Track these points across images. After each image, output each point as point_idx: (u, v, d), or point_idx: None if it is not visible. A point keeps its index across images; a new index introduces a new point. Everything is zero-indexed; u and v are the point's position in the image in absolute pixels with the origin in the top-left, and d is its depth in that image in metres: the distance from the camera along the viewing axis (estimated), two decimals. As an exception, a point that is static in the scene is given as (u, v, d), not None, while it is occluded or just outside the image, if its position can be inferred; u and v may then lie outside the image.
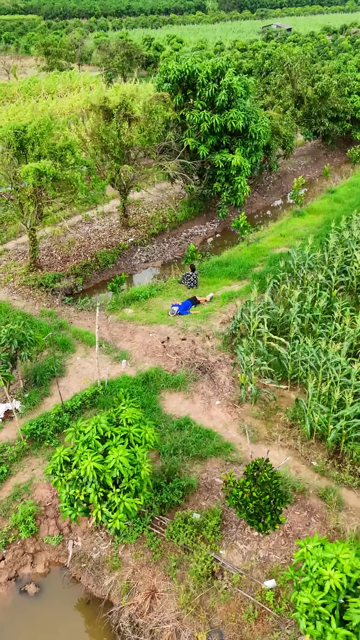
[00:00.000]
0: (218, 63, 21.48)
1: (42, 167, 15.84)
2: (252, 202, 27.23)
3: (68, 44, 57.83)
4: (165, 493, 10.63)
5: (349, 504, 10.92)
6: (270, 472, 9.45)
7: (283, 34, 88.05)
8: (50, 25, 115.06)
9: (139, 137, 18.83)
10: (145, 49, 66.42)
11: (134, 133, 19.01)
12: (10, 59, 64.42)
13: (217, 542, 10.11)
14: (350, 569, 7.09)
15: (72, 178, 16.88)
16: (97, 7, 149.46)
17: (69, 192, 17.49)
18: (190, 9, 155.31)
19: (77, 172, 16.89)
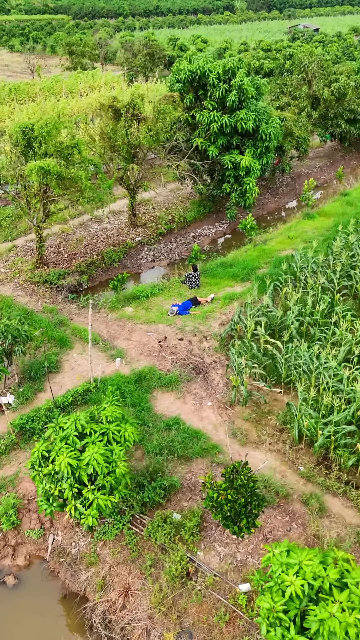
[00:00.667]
0: (229, 63, 21.40)
1: (47, 165, 16.03)
2: (263, 204, 27.06)
3: (92, 43, 58.28)
4: (147, 492, 10.66)
5: (333, 510, 10.78)
6: (248, 475, 9.40)
7: (310, 34, 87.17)
8: (78, 25, 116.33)
9: (146, 137, 18.90)
10: (170, 49, 66.59)
11: (141, 133, 19.07)
12: (35, 58, 65.24)
13: (195, 543, 10.10)
14: (312, 576, 7.02)
15: (76, 176, 17.04)
16: (126, 7, 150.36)
17: (74, 190, 17.64)
18: (219, 9, 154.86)
19: (81, 171, 17.03)
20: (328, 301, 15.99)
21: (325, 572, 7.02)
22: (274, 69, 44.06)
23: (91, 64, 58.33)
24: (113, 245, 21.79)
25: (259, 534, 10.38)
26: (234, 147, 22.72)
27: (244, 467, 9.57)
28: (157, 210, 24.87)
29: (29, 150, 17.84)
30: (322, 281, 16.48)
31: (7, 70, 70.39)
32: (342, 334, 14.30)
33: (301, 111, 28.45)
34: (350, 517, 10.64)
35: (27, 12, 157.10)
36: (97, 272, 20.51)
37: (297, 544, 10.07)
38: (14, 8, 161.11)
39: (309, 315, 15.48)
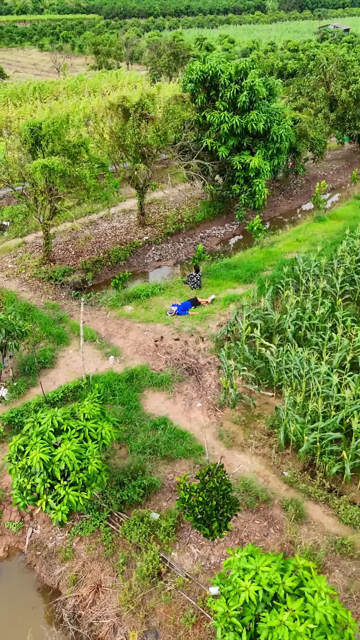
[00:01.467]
0: (241, 64, 21.30)
1: (51, 163, 16.24)
2: (276, 205, 26.84)
3: (118, 43, 58.68)
4: (127, 490, 10.71)
5: (313, 518, 10.64)
6: (221, 478, 9.36)
7: (339, 35, 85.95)
8: (108, 24, 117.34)
9: (153, 137, 18.95)
10: (196, 49, 66.57)
11: (148, 132, 19.14)
12: (61, 58, 66.04)
13: (170, 544, 10.10)
14: (268, 583, 6.95)
15: (81, 175, 17.21)
16: (157, 7, 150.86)
17: (79, 188, 17.81)
18: (250, 8, 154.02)
19: (86, 169, 17.18)
20: (329, 306, 15.78)
21: (281, 580, 6.94)
22: (297, 70, 43.60)
23: (116, 64, 58.73)
24: (120, 244, 21.92)
25: (235, 537, 10.33)
26: (245, 148, 22.60)
27: (218, 470, 9.53)
28: (168, 210, 24.91)
29: (37, 148, 18.11)
30: (322, 285, 16.25)
31: (36, 69, 71.50)
32: (339, 340, 14.10)
33: (318, 113, 28.09)
34: (330, 525, 10.49)
35: (59, 11, 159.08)
36: (102, 270, 20.66)
37: (272, 550, 10.00)
38: (47, 7, 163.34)
39: (307, 319, 15.29)
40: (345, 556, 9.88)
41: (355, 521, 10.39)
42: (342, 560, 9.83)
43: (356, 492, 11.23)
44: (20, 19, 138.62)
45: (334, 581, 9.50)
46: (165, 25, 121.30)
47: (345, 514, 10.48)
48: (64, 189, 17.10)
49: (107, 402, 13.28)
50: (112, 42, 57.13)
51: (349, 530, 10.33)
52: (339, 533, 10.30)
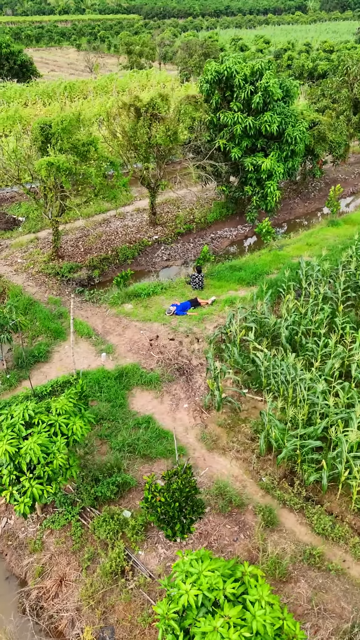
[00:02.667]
0: (257, 65, 21.11)
1: (56, 160, 16.49)
2: (292, 208, 26.49)
3: (150, 43, 58.99)
4: (100, 487, 10.80)
5: (286, 525, 10.49)
6: (186, 480, 9.32)
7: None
8: (147, 24, 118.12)
9: (162, 137, 19.00)
10: (231, 50, 66.29)
11: (158, 132, 19.19)
12: (94, 57, 66.86)
13: (138, 543, 10.12)
14: (209, 588, 6.89)
15: (87, 173, 17.40)
16: (197, 8, 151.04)
17: (85, 186, 18.02)
18: (290, 9, 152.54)
19: (92, 168, 17.36)
20: (329, 312, 15.49)
21: (223, 585, 6.87)
22: (327, 71, 42.90)
23: (148, 63, 59.06)
24: (129, 242, 22.06)
25: (204, 540, 10.27)
26: (259, 150, 22.40)
27: (185, 472, 9.49)
28: (181, 210, 24.93)
29: (47, 146, 18.40)
30: (322, 290, 15.96)
31: (71, 68, 72.69)
32: (333, 347, 13.83)
33: (340, 115, 27.57)
34: (302, 534, 10.31)
35: (101, 11, 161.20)
36: (109, 268, 20.83)
37: (239, 556, 9.90)
38: (89, 8, 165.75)
39: (304, 324, 15.05)
40: (312, 567, 9.70)
41: (327, 532, 10.18)
42: (309, 570, 9.65)
43: (334, 503, 11.01)
44: (62, 19, 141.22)
45: (299, 591, 9.34)
46: (202, 26, 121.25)
47: (318, 524, 10.28)
48: (69, 186, 17.32)
49: (94, 398, 13.41)
50: (144, 42, 57.46)
51: (320, 541, 10.14)
52: (310, 543, 10.11)
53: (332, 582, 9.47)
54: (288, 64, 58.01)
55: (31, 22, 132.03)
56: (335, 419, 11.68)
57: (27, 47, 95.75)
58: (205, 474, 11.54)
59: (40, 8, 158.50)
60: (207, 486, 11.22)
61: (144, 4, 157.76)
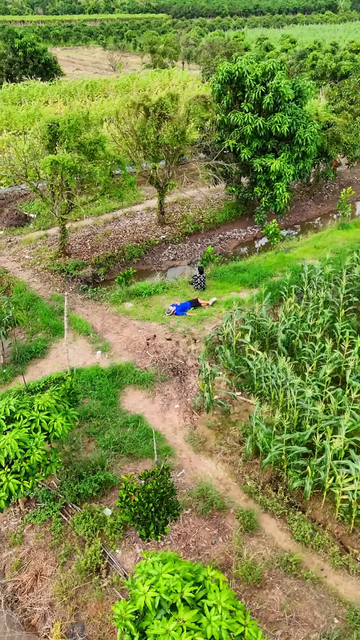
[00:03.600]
0: (269, 65, 20.92)
1: (61, 159, 16.64)
2: (304, 210, 26.20)
3: (173, 42, 59.01)
4: (83, 484, 10.87)
5: (266, 531, 10.39)
6: (162, 481, 9.30)
7: None
8: (174, 23, 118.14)
9: (169, 137, 19.00)
10: (257, 49, 65.88)
11: (165, 132, 19.20)
12: (117, 56, 67.22)
13: (116, 541, 10.16)
14: (166, 590, 6.87)
15: (92, 171, 17.51)
16: (225, 7, 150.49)
17: (91, 185, 18.14)
18: (320, 8, 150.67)
19: (97, 167, 17.46)
20: (329, 316, 15.28)
21: (181, 589, 6.84)
22: (350, 71, 42.26)
23: (171, 63, 59.09)
24: (136, 241, 22.13)
25: (182, 542, 10.25)
26: (269, 151, 22.20)
27: (162, 472, 9.48)
28: (191, 210, 24.88)
29: (55, 144, 18.59)
30: (322, 294, 15.74)
31: (96, 67, 73.21)
32: (329, 352, 13.63)
33: (357, 116, 27.11)
34: (281, 540, 10.20)
35: (130, 11, 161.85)
36: (115, 267, 20.93)
37: (215, 559, 9.85)
38: (118, 7, 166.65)
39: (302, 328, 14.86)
40: (289, 574, 9.58)
41: (306, 539, 10.05)
42: (285, 577, 9.54)
43: (319, 510, 10.86)
44: (91, 18, 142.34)
45: (273, 598, 9.25)
46: (230, 25, 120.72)
47: (298, 531, 10.15)
48: (74, 184, 17.46)
49: (86, 395, 13.50)
50: (168, 42, 57.52)
51: (299, 548, 10.01)
52: (289, 550, 9.99)
53: (307, 590, 9.35)
54: (312, 64, 57.33)
55: (61, 21, 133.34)
56: (324, 426, 11.52)
57: (55, 46, 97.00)
58: (189, 475, 11.51)
59: (71, 7, 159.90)
60: (189, 488, 11.20)
61: (173, 3, 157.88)
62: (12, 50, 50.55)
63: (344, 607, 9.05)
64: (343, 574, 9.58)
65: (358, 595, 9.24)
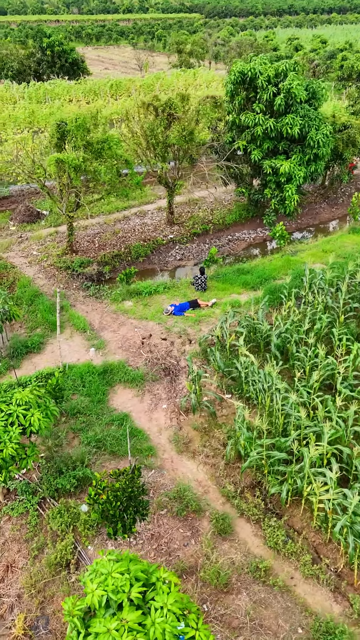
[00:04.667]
0: (282, 66, 20.71)
1: (65, 157, 16.83)
2: (317, 213, 25.84)
3: (200, 42, 58.96)
4: (61, 479, 10.99)
5: (240, 536, 10.30)
6: (131, 480, 9.32)
7: None
8: (206, 23, 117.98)
9: (176, 137, 19.00)
10: (287, 49, 65.29)
11: (173, 132, 19.20)
12: (144, 55, 67.51)
13: (89, 538, 10.24)
14: (114, 590, 6.88)
15: (97, 170, 17.65)
16: (259, 6, 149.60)
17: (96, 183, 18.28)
18: (357, 7, 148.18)
19: (102, 166, 17.59)
20: (327, 321, 15.04)
21: (128, 588, 6.85)
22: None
23: (197, 63, 59.05)
24: (144, 240, 22.21)
25: (154, 542, 10.26)
26: (281, 152, 21.98)
27: (133, 472, 9.50)
28: (202, 210, 24.83)
29: (63, 143, 18.81)
30: (321, 299, 15.51)
31: (125, 67, 73.75)
32: (321, 357, 13.43)
33: (375, 118, 26.57)
34: (254, 545, 10.10)
35: (163, 10, 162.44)
36: (121, 265, 21.05)
37: (185, 561, 9.81)
38: (152, 7, 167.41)
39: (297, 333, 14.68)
40: (257, 580, 9.48)
41: (279, 546, 9.92)
42: (253, 583, 9.45)
43: (297, 518, 10.71)
44: (125, 18, 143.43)
45: (238, 604, 9.17)
46: (262, 25, 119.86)
47: (271, 538, 10.03)
48: (78, 183, 17.64)
49: (76, 392, 13.63)
50: (195, 41, 57.50)
51: (271, 555, 9.89)
52: (261, 556, 9.89)
53: (274, 598, 9.23)
54: (341, 64, 56.48)
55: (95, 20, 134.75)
56: (308, 432, 11.36)
57: (86, 45, 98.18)
58: (169, 475, 11.50)
59: (105, 7, 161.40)
60: (168, 488, 11.19)
61: (207, 3, 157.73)
62: (40, 49, 51.36)
63: (310, 618, 8.91)
64: (313, 584, 9.43)
65: (325, 606, 9.08)
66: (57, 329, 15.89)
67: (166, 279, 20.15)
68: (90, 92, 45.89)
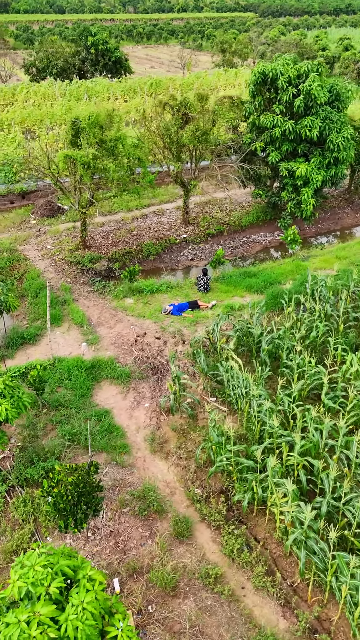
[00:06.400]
0: (304, 67, 20.27)
1: (74, 154, 17.09)
2: (340, 218, 25.17)
3: (245, 42, 58.43)
4: (31, 469, 11.20)
5: (198, 540, 10.21)
6: (86, 475, 9.39)
7: None
8: (258, 22, 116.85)
9: (189, 136, 18.93)
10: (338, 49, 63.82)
11: (186, 132, 19.14)
12: (188, 54, 67.48)
13: (50, 529, 10.39)
14: (33, 582, 6.96)
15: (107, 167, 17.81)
16: (315, 6, 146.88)
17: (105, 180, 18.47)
18: None
19: (111, 163, 17.75)
20: (323, 330, 14.65)
21: (48, 582, 6.92)
22: None
23: (240, 62, 58.58)
24: (157, 238, 22.27)
25: (112, 539, 10.30)
26: (300, 155, 21.53)
27: (89, 468, 9.57)
28: (221, 211, 24.65)
29: (77, 140, 19.10)
30: (318, 307, 15.10)
31: (171, 66, 74.00)
32: (308, 366, 13.10)
33: None
34: (210, 551, 9.98)
35: (218, 9, 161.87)
36: (131, 262, 21.16)
37: (136, 561, 9.80)
38: (207, 6, 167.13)
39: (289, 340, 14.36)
40: (207, 587, 9.36)
41: (234, 555, 9.76)
42: (202, 590, 9.34)
43: (262, 527, 10.50)
44: (178, 17, 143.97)
45: (184, 608, 9.08)
46: (316, 24, 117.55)
47: (227, 545, 9.88)
48: (87, 180, 17.87)
49: (62, 385, 13.84)
50: (239, 41, 57.06)
51: (226, 562, 9.75)
52: (216, 562, 9.76)
53: (220, 606, 9.10)
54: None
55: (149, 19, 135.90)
56: (281, 442, 11.11)
57: (137, 44, 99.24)
58: (138, 474, 11.52)
59: (160, 6, 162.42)
60: (134, 487, 11.21)
61: (262, 2, 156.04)
62: (85, 47, 52.31)
63: (253, 630, 8.72)
64: (262, 596, 9.23)
65: (271, 620, 8.87)
66: (47, 322, 16.13)
67: (172, 278, 20.13)
68: (130, 90, 46.32)
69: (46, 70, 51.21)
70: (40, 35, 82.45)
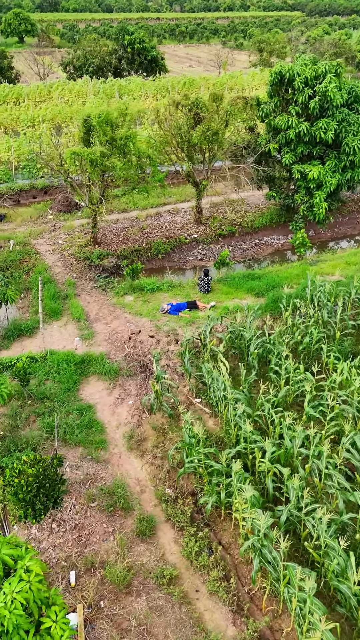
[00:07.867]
0: (321, 68, 19.88)
1: (81, 151, 17.34)
2: (358, 222, 24.57)
3: (282, 41, 57.68)
4: (7, 458, 11.47)
5: (160, 540, 10.23)
6: (49, 467, 9.56)
7: None
8: (304, 21, 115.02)
9: (198, 136, 18.88)
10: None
11: (196, 132, 19.10)
12: (225, 53, 67.11)
13: (16, 517, 10.60)
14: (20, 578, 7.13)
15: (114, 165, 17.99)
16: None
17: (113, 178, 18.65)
18: None
19: (119, 162, 17.90)
20: (317, 337, 14.38)
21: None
22: None
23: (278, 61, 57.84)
24: (167, 237, 22.32)
25: (75, 532, 10.43)
26: (315, 157, 21.14)
27: (52, 461, 9.73)
28: (235, 212, 24.47)
29: (89, 137, 19.36)
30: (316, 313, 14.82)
31: (209, 64, 73.74)
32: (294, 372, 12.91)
33: None
34: (170, 552, 9.99)
35: (265, 8, 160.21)
36: (139, 260, 21.28)
37: (95, 555, 9.90)
38: (254, 5, 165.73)
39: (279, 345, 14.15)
40: (161, 587, 9.37)
41: (193, 557, 9.72)
42: (155, 589, 9.36)
43: (228, 532, 10.43)
44: (224, 16, 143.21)
45: (135, 606, 9.13)
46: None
47: (187, 547, 9.85)
48: (95, 177, 18.09)
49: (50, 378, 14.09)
50: (277, 40, 56.38)
51: (183, 564, 9.73)
52: (174, 563, 9.76)
53: (171, 607, 9.09)
54: None
55: (194, 18, 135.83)
56: (254, 447, 11.00)
57: (179, 43, 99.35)
58: (111, 470, 11.62)
59: (207, 5, 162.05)
60: (105, 482, 11.31)
61: (310, 1, 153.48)
62: (122, 46, 52.81)
63: (200, 634, 8.68)
64: (215, 601, 9.17)
65: (220, 625, 8.81)
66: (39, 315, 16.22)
67: (177, 277, 20.14)
68: (163, 89, 46.50)
69: (83, 68, 52.00)
70: (84, 33, 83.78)
